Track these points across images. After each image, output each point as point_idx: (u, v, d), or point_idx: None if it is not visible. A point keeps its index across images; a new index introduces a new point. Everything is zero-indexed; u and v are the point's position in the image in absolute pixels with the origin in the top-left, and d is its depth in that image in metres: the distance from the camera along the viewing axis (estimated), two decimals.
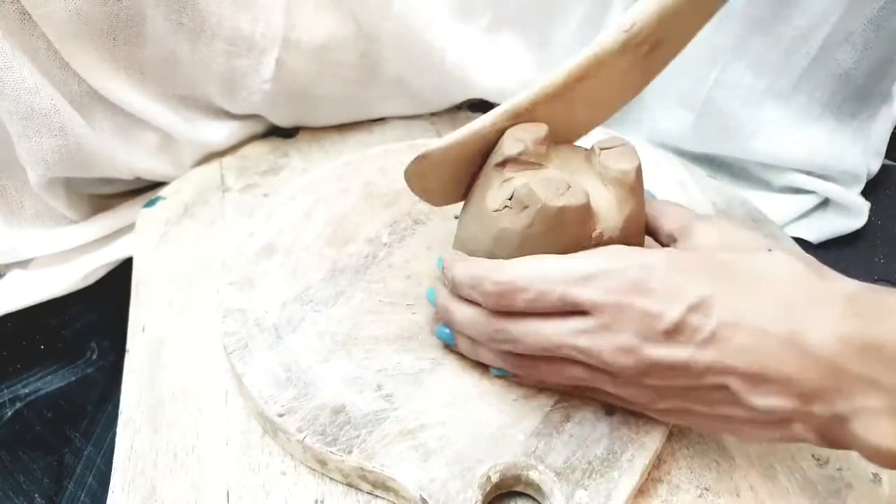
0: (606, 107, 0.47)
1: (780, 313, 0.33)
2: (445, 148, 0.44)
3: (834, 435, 0.33)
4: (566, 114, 0.44)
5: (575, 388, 0.42)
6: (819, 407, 0.32)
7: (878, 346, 0.31)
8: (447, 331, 0.45)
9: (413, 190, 0.47)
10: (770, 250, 0.36)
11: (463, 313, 0.41)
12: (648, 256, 0.36)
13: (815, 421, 0.33)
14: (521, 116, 0.43)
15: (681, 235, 0.41)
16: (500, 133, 0.43)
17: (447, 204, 0.48)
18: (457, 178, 0.46)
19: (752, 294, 0.34)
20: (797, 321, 0.33)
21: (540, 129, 0.42)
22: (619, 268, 0.36)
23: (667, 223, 0.43)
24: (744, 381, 0.34)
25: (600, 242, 0.40)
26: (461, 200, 0.48)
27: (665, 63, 0.46)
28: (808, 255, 0.38)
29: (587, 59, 0.41)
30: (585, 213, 0.39)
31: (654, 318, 0.34)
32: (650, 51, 0.43)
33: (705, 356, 0.34)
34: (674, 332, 0.34)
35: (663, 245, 0.44)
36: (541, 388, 0.44)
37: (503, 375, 0.44)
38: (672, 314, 0.34)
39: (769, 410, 0.34)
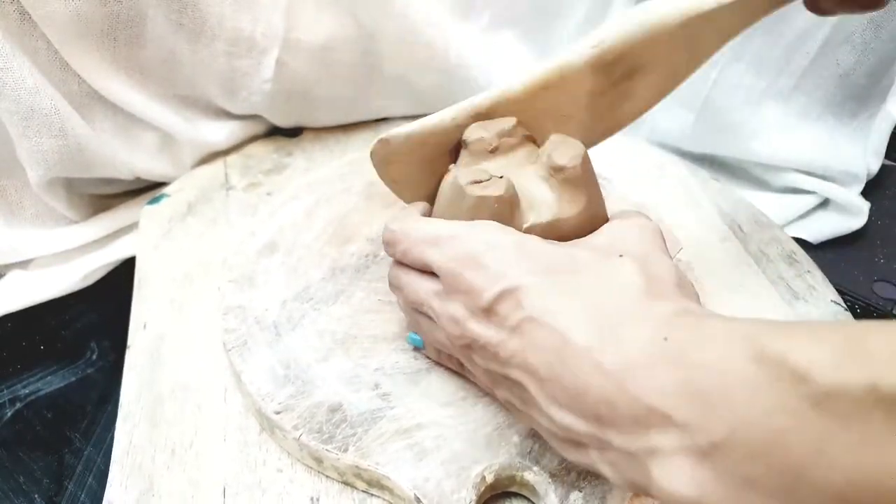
0: (580, 127, 0.46)
1: (588, 324, 0.30)
2: (405, 135, 0.45)
3: (631, 474, 0.29)
4: (530, 121, 0.44)
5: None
6: (613, 435, 0.28)
7: (677, 377, 0.26)
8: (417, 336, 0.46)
9: (381, 177, 0.48)
10: (621, 256, 0.34)
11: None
12: (501, 235, 0.36)
13: (610, 452, 0.29)
14: (480, 116, 0.43)
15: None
16: (462, 130, 0.44)
17: (416, 200, 0.48)
18: (423, 172, 0.47)
19: (571, 296, 0.32)
20: (601, 338, 0.30)
21: (506, 123, 0.43)
22: (465, 236, 0.36)
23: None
24: (540, 385, 0.32)
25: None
26: (431, 198, 0.47)
27: (657, 94, 0.45)
28: (671, 269, 0.34)
29: (549, 70, 0.42)
30: (508, 204, 0.39)
31: (476, 293, 0.34)
32: (627, 77, 0.42)
33: (509, 345, 0.33)
34: (489, 313, 0.34)
35: None
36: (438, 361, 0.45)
37: (416, 345, 0.46)
38: (489, 294, 0.34)
39: (565, 427, 0.31)
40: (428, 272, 0.39)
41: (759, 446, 0.24)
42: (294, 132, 0.74)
